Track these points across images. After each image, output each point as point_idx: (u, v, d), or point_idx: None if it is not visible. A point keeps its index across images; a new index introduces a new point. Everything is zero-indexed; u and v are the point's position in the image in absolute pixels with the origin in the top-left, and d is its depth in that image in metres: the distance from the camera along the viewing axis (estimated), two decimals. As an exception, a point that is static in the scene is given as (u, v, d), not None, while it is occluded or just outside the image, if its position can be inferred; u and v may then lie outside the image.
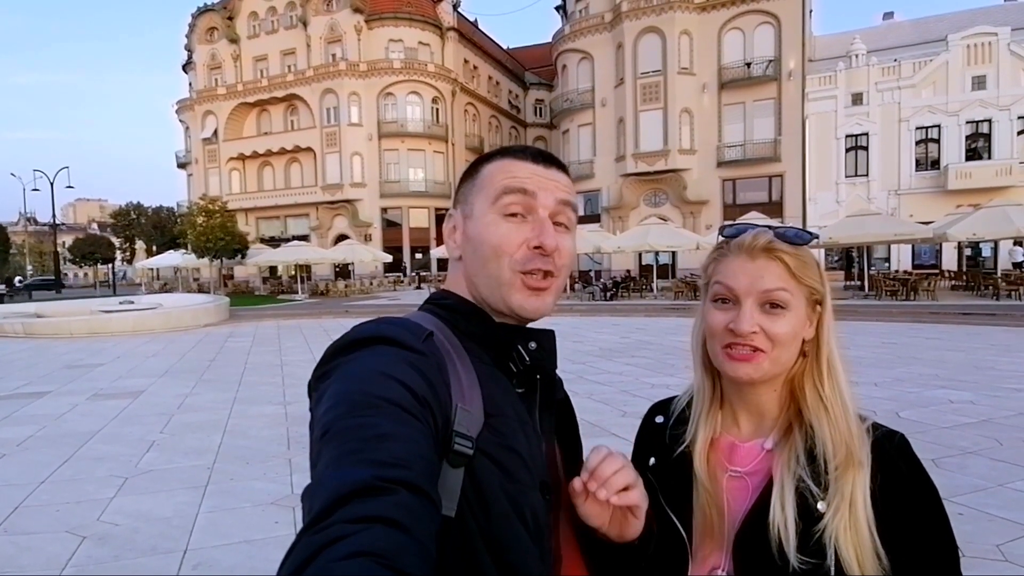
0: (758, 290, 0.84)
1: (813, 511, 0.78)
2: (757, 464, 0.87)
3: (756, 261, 0.85)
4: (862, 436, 0.82)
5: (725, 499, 0.86)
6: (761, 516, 0.81)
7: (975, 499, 3.78)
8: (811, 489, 0.79)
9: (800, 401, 0.86)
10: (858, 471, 0.79)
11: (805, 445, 0.83)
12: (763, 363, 0.84)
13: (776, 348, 0.84)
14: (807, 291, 0.85)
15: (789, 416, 0.87)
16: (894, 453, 0.82)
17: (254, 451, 5.30)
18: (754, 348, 0.83)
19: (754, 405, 0.89)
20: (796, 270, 0.84)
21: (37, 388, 8.51)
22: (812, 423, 0.83)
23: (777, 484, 0.81)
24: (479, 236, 0.78)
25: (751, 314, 0.84)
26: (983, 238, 20.49)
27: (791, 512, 0.78)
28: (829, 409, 0.83)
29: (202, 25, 43.86)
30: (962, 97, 27.67)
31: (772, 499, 0.80)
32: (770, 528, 0.79)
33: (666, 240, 24.17)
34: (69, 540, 3.56)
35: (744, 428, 0.91)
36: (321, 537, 0.46)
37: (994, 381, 7.37)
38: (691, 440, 0.91)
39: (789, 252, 0.85)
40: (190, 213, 36.41)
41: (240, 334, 15.23)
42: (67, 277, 62.19)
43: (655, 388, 7.37)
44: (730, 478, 0.87)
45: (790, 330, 0.84)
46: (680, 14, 30.84)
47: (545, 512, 0.71)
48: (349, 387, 0.62)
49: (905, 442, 0.84)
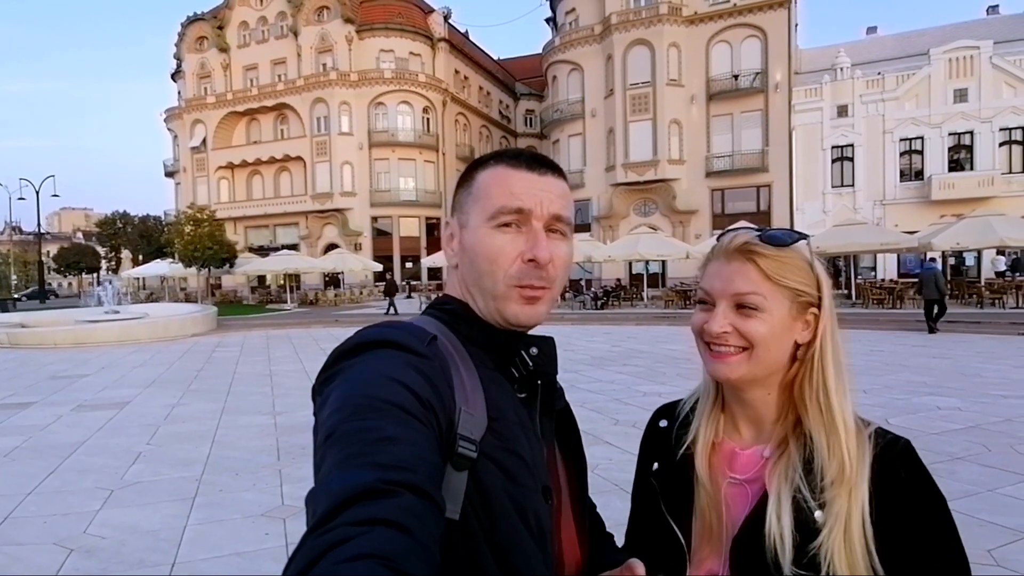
0: (729, 293, 0.84)
1: (810, 523, 0.77)
2: (757, 472, 0.86)
3: (731, 264, 0.85)
4: (860, 450, 0.80)
5: (724, 505, 0.86)
6: (758, 524, 0.80)
7: (965, 504, 3.80)
8: (808, 501, 0.78)
9: (799, 408, 0.85)
10: (854, 488, 0.77)
11: (803, 455, 0.81)
12: (741, 363, 0.83)
13: (757, 348, 0.82)
14: (790, 293, 0.83)
15: (787, 424, 0.86)
16: (896, 460, 0.80)
17: (243, 462, 5.24)
18: (733, 347, 0.83)
19: (751, 409, 0.88)
20: (771, 272, 0.82)
21: (22, 399, 8.37)
22: (810, 431, 0.82)
23: (773, 495, 0.80)
24: (474, 248, 0.78)
25: (722, 315, 0.84)
26: (967, 247, 20.78)
27: (787, 523, 0.78)
28: (826, 418, 0.81)
29: (192, 34, 43.75)
30: (944, 109, 28.15)
31: (768, 510, 0.79)
32: (766, 538, 0.78)
33: (656, 249, 24.31)
34: (57, 552, 3.50)
35: (744, 434, 0.90)
36: (326, 539, 0.47)
37: (980, 388, 7.46)
38: (692, 440, 0.90)
39: (766, 254, 0.83)
40: (178, 222, 36.11)
41: (228, 344, 15.08)
42: (52, 286, 61.35)
43: (647, 396, 7.39)
44: (730, 484, 0.87)
45: (766, 331, 0.82)
46: (669, 27, 31.23)
47: (548, 515, 0.71)
48: (353, 390, 0.62)
49: (909, 449, 0.82)
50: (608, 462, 4.73)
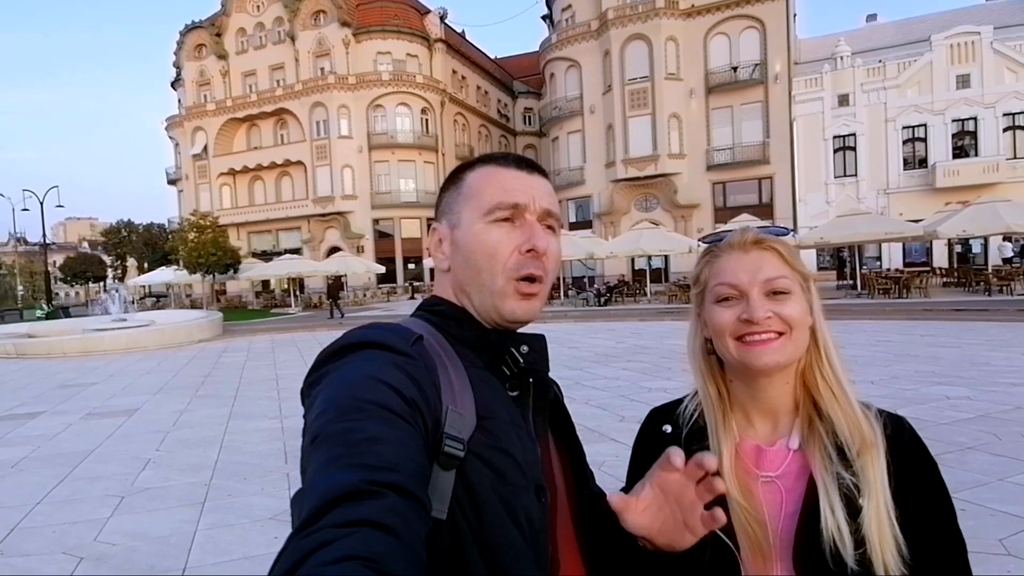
0: (760, 280, 0.84)
1: (858, 507, 0.78)
2: (787, 466, 0.85)
3: (750, 254, 0.86)
4: (869, 418, 0.83)
5: (764, 508, 0.84)
6: (813, 523, 0.79)
7: (976, 494, 3.78)
8: (851, 484, 0.79)
9: (814, 393, 0.86)
10: (875, 453, 0.79)
11: (831, 439, 0.82)
12: (787, 346, 0.83)
13: (795, 330, 0.84)
14: (800, 277, 0.87)
15: (807, 411, 0.86)
16: (907, 440, 0.83)
17: (251, 466, 5.25)
18: (774, 332, 0.83)
19: (767, 402, 0.88)
20: (788, 257, 0.87)
21: (31, 408, 8.42)
22: (830, 414, 0.83)
23: (821, 488, 0.80)
24: (470, 245, 0.78)
25: (761, 301, 0.84)
26: (973, 235, 20.65)
27: (841, 514, 0.78)
28: (839, 396, 0.84)
29: (190, 42, 43.87)
30: (947, 96, 27.99)
31: (820, 504, 0.79)
32: (823, 533, 0.77)
33: (658, 244, 24.26)
34: (66, 561, 3.51)
35: (760, 429, 0.89)
36: (309, 541, 0.47)
37: (989, 376, 7.41)
38: (719, 458, 0.86)
39: (778, 241, 0.88)
40: (181, 229, 36.23)
41: (234, 349, 15.13)
42: (58, 296, 61.72)
43: (652, 392, 7.37)
44: (762, 484, 0.85)
45: (801, 312, 0.85)
46: (666, 20, 31.12)
47: (541, 514, 0.71)
48: (338, 392, 0.62)
49: (913, 429, 0.86)
50: (615, 459, 4.72)
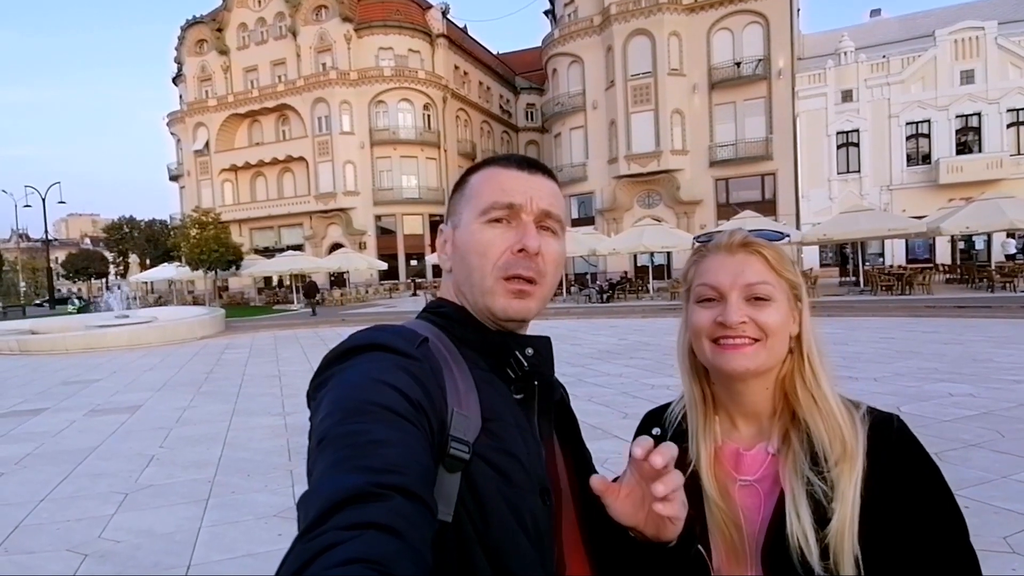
0: (741, 284, 0.84)
1: (828, 514, 0.77)
2: (764, 470, 0.85)
3: (736, 256, 0.85)
4: (855, 427, 0.81)
5: (740, 511, 0.84)
6: (781, 527, 0.79)
7: (980, 492, 3.78)
8: (821, 491, 0.78)
9: (792, 401, 0.85)
10: (852, 464, 0.79)
11: (805, 446, 0.82)
12: (759, 353, 0.83)
13: (771, 337, 0.83)
14: (787, 285, 0.85)
15: (784, 419, 0.86)
16: (895, 440, 0.81)
17: (255, 463, 5.26)
18: (748, 338, 0.82)
19: (749, 406, 0.88)
20: (775, 263, 0.85)
21: (34, 405, 8.44)
22: (807, 421, 0.83)
23: (788, 493, 0.80)
24: (465, 245, 0.79)
25: (738, 305, 0.83)
26: (976, 231, 20.57)
27: (807, 520, 0.77)
28: (820, 405, 0.83)
29: (191, 38, 43.83)
30: (951, 91, 27.86)
31: (787, 510, 0.79)
32: (789, 538, 0.77)
33: (661, 241, 24.21)
34: (71, 558, 3.53)
35: (744, 431, 0.89)
36: (315, 544, 0.47)
37: (993, 373, 7.40)
38: (696, 458, 0.88)
39: (767, 246, 0.86)
40: (183, 225, 36.29)
41: (237, 346, 15.15)
42: (60, 292, 61.82)
43: (655, 389, 7.37)
44: (740, 487, 0.86)
45: (779, 320, 0.83)
46: (669, 16, 31.01)
47: (546, 517, 0.71)
48: (343, 394, 0.62)
49: (904, 426, 0.83)
50: (618, 456, 4.72)
